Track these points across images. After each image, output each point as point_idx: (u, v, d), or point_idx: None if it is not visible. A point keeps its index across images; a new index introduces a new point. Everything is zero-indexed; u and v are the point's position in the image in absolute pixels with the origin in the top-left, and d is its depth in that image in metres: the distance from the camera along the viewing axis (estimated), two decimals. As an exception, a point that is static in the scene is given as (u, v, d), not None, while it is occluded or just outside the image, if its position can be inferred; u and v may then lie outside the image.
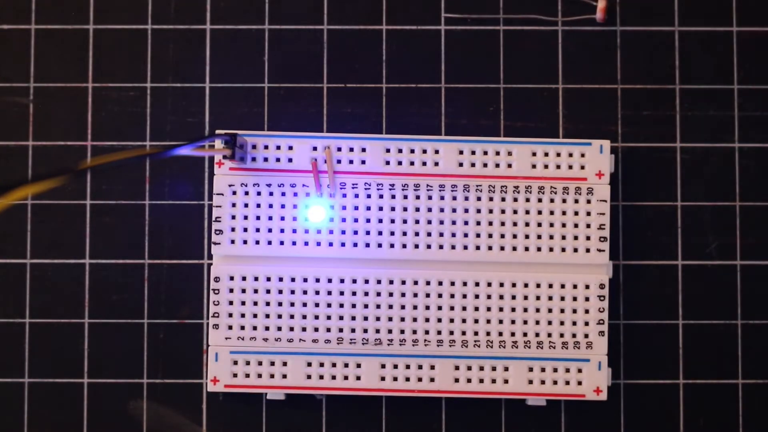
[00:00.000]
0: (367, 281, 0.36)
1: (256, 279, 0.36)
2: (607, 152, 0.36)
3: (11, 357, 0.37)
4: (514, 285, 0.36)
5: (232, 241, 0.36)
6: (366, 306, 0.36)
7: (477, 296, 0.36)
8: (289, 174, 0.36)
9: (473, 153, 0.36)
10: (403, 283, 0.36)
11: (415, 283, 0.36)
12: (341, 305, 0.36)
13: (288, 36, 0.38)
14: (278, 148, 0.36)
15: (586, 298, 0.36)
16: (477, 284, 0.36)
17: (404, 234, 0.36)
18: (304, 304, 0.36)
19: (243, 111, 0.38)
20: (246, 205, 0.36)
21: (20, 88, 0.38)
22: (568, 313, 0.36)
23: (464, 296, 0.36)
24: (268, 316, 0.36)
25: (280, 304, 0.36)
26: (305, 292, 0.36)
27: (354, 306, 0.36)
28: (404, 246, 0.36)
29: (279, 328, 0.36)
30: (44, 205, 0.38)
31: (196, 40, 0.38)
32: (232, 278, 0.36)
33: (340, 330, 0.36)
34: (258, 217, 0.36)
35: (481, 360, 0.36)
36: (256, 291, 0.36)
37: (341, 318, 0.36)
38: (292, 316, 0.36)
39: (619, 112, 0.38)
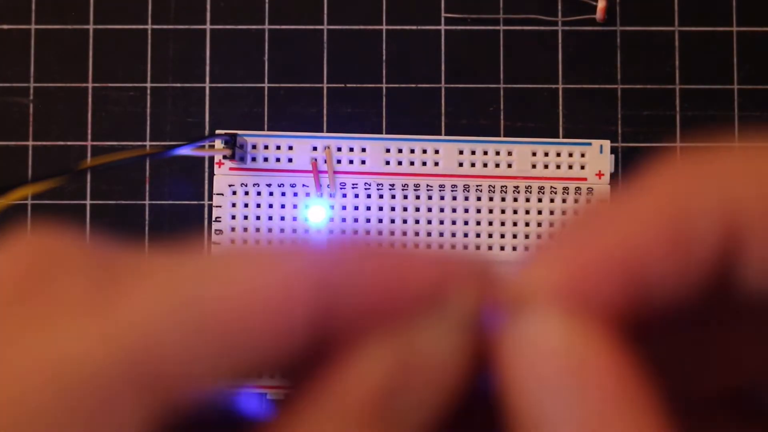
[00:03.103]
0: (367, 281, 0.35)
1: (256, 279, 0.36)
2: (607, 152, 0.36)
3: (11, 357, 0.37)
4: (514, 285, 0.36)
5: (232, 241, 0.36)
6: (366, 306, 0.35)
7: (477, 296, 0.36)
8: (289, 174, 0.36)
9: (473, 153, 0.36)
10: (403, 283, 0.35)
11: (415, 283, 0.35)
12: (341, 305, 0.36)
13: (288, 36, 0.38)
14: (278, 148, 0.36)
15: (586, 298, 0.36)
16: (477, 284, 0.35)
17: (404, 234, 0.36)
18: (304, 304, 0.36)
19: (243, 111, 0.38)
20: (246, 205, 0.36)
21: (20, 88, 0.38)
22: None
23: (464, 296, 0.35)
24: (268, 316, 0.36)
25: (280, 304, 0.36)
26: (305, 292, 0.35)
27: (354, 306, 0.35)
28: (404, 246, 0.36)
29: (279, 328, 0.36)
30: (44, 205, 0.38)
31: (196, 40, 0.38)
32: (232, 278, 0.36)
33: (340, 330, 0.36)
34: (258, 217, 0.36)
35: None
36: (256, 291, 0.36)
37: (341, 318, 0.36)
38: (292, 316, 0.36)
39: (619, 112, 0.38)
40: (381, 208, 0.36)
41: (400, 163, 0.36)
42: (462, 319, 0.11)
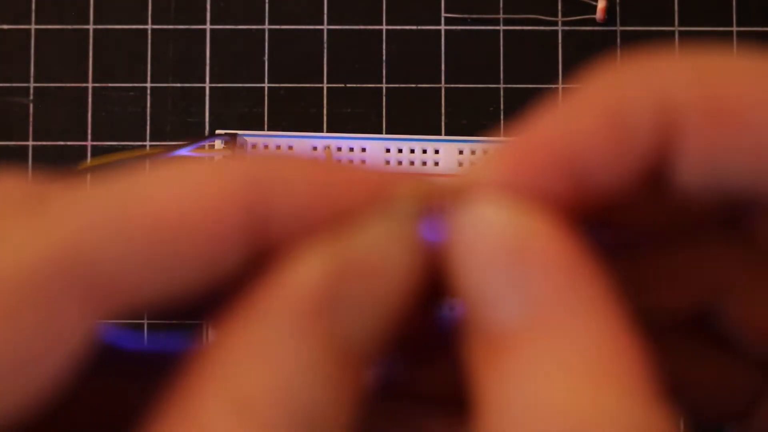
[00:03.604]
0: (367, 281, 0.35)
1: (256, 279, 0.36)
2: (607, 152, 0.36)
3: (11, 357, 0.37)
4: (514, 285, 0.36)
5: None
6: (366, 306, 0.35)
7: (477, 296, 0.36)
8: (289, 174, 0.36)
9: (473, 153, 0.36)
10: (403, 283, 0.35)
11: (415, 283, 0.35)
12: (341, 305, 0.35)
13: (288, 36, 0.38)
14: (278, 148, 0.36)
15: (586, 298, 0.36)
16: (477, 284, 0.35)
17: (404, 234, 0.36)
18: (304, 304, 0.36)
19: (243, 111, 0.38)
20: (246, 205, 0.36)
21: (20, 88, 0.38)
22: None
23: (464, 296, 0.35)
24: (268, 316, 0.36)
25: (280, 304, 0.36)
26: (305, 292, 0.36)
27: (354, 306, 0.35)
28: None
29: (279, 328, 0.36)
30: (44, 205, 0.38)
31: (196, 40, 0.38)
32: (232, 278, 0.36)
33: (340, 330, 0.36)
34: (258, 217, 0.36)
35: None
36: (256, 291, 0.36)
37: (341, 318, 0.35)
38: (292, 316, 0.36)
39: (619, 112, 0.38)
40: (381, 208, 0.36)
41: (400, 163, 0.36)
42: (405, 222, 0.11)
